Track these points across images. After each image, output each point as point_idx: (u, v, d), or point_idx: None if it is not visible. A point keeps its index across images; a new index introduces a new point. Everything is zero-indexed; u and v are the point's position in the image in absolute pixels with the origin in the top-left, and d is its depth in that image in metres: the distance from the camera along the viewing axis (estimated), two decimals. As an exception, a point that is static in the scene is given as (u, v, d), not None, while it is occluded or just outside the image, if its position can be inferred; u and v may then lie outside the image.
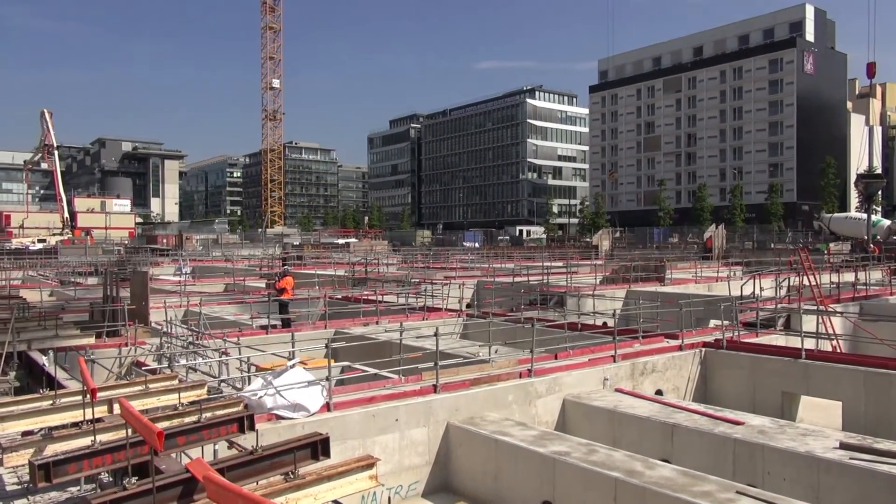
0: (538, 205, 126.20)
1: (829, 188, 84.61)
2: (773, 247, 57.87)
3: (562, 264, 36.36)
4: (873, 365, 12.50)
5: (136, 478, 5.81)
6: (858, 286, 24.34)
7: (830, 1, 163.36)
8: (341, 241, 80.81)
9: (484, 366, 12.29)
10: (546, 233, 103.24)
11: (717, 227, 48.20)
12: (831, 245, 50.48)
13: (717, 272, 32.17)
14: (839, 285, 23.20)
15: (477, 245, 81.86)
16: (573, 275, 29.33)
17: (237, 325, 18.50)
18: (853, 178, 71.42)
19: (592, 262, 38.49)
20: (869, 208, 50.31)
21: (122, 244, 74.00)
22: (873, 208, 54.01)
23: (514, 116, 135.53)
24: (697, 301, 18.20)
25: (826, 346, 15.73)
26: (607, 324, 17.27)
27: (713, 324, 17.27)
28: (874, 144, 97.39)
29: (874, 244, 43.45)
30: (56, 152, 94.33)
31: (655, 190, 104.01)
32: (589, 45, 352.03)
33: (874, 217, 52.79)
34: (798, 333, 14.14)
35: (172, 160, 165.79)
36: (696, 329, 16.10)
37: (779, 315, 17.46)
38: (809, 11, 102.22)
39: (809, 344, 13.75)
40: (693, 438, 10.17)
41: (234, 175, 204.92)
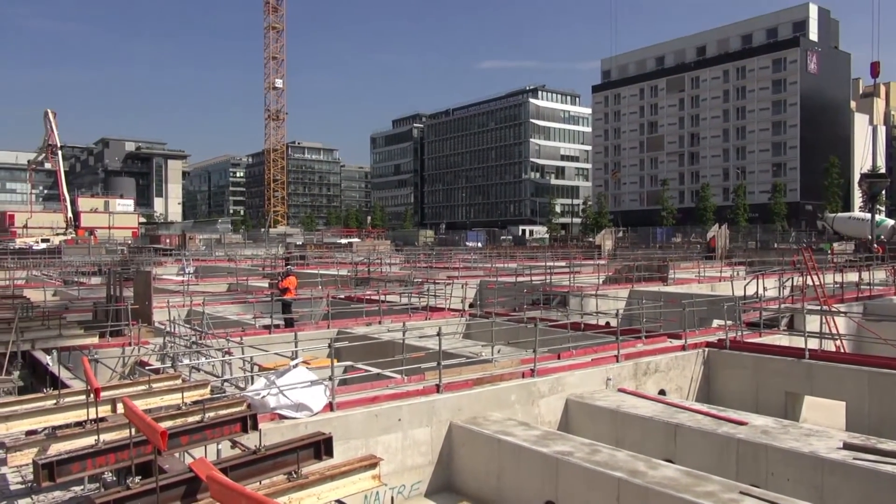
0: (541, 204, 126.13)
1: (832, 188, 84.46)
2: (776, 247, 57.77)
3: (565, 264, 36.33)
4: (877, 365, 12.48)
5: (140, 477, 5.82)
6: (862, 286, 24.30)
7: (834, 0, 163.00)
8: (344, 240, 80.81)
9: (487, 366, 12.29)
10: (549, 232, 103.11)
11: (720, 227, 48.11)
12: (835, 245, 50.39)
13: (721, 272, 32.12)
14: (843, 285, 23.15)
15: (480, 245, 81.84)
16: (576, 275, 29.30)
17: (240, 325, 18.52)
18: (857, 177, 71.41)
19: (595, 262, 38.45)
20: (873, 208, 50.27)
21: (126, 244, 74.07)
22: (877, 208, 53.84)
23: (517, 116, 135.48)
24: (700, 301, 18.21)
25: (830, 346, 15.69)
26: (610, 324, 17.26)
27: (716, 324, 17.23)
28: (878, 144, 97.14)
29: (878, 244, 43.40)
30: (60, 152, 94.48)
31: (658, 189, 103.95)
32: (592, 44, 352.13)
33: (878, 217, 52.66)
34: (801, 333, 14.12)
35: (176, 160, 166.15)
36: (699, 329, 16.10)
37: (782, 315, 17.43)
38: (813, 11, 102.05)
39: (813, 344, 13.72)
40: (696, 438, 10.15)
41: (238, 175, 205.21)
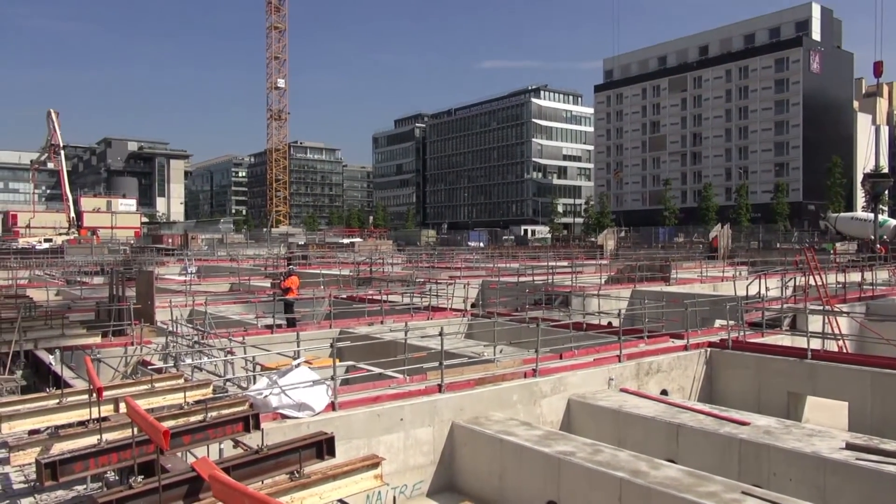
0: (543, 204, 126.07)
1: (835, 188, 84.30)
2: (778, 246, 57.73)
3: (567, 264, 36.32)
4: (880, 365, 12.46)
5: (142, 476, 5.83)
6: (865, 286, 24.27)
7: (837, 0, 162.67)
8: (346, 240, 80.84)
9: (489, 365, 12.29)
10: (551, 232, 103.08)
11: (722, 227, 47.99)
12: (837, 245, 50.32)
13: (723, 272, 32.09)
14: (845, 285, 23.11)
15: (482, 245, 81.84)
16: (578, 274, 29.28)
17: (242, 325, 18.54)
18: (860, 177, 71.31)
19: (597, 262, 38.42)
20: (876, 208, 50.17)
21: (128, 244, 74.24)
22: (880, 208, 53.76)
23: (519, 116, 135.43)
24: (703, 301, 18.19)
25: (832, 346, 15.68)
26: (612, 324, 17.24)
27: (718, 324, 17.22)
28: (881, 144, 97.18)
29: (881, 244, 43.31)
30: (62, 152, 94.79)
31: (661, 189, 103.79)
32: (594, 44, 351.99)
33: (881, 217, 52.59)
34: (804, 333, 14.10)
35: (178, 160, 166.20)
36: (701, 329, 16.09)
37: (785, 315, 17.41)
38: (816, 10, 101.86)
39: (815, 344, 13.71)
40: (698, 439, 10.14)
41: (240, 175, 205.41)
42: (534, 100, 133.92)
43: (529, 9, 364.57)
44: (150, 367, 12.28)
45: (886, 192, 61.49)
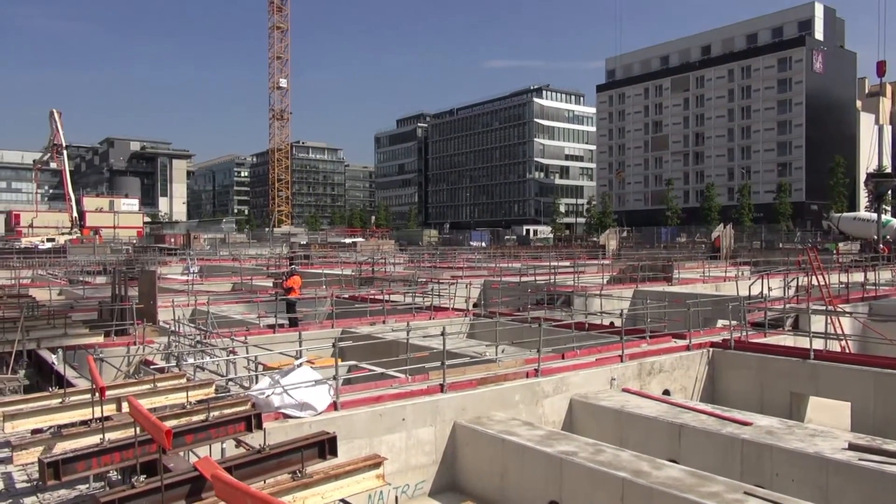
0: (545, 204, 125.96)
1: (838, 188, 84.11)
2: (781, 247, 57.63)
3: (569, 264, 36.29)
4: (882, 365, 12.44)
5: (145, 476, 5.83)
6: (868, 286, 24.22)
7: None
8: (348, 240, 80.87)
9: (491, 365, 12.29)
10: (553, 232, 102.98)
11: (725, 227, 47.98)
12: (840, 245, 50.22)
13: (725, 272, 32.05)
14: (848, 285, 23.08)
15: (484, 244, 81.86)
16: (580, 274, 29.29)
17: (244, 325, 18.55)
18: (863, 177, 71.05)
19: (600, 262, 38.36)
20: (879, 208, 50.04)
21: (131, 243, 74.31)
22: (883, 208, 53.65)
23: (521, 116, 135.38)
24: (705, 301, 18.16)
25: (835, 346, 15.66)
26: (614, 324, 17.23)
27: (721, 324, 17.19)
28: (884, 143, 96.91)
29: (884, 244, 43.24)
30: (65, 152, 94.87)
31: (663, 189, 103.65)
32: (596, 44, 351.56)
33: (884, 217, 52.50)
34: (807, 334, 14.09)
35: (180, 160, 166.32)
36: (703, 329, 16.08)
37: (787, 315, 17.38)
38: (818, 10, 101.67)
39: (818, 344, 13.69)
40: (701, 439, 10.14)
41: (242, 174, 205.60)
42: (536, 99, 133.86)
43: (532, 8, 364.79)
44: (152, 367, 12.29)
45: (890, 191, 61.41)
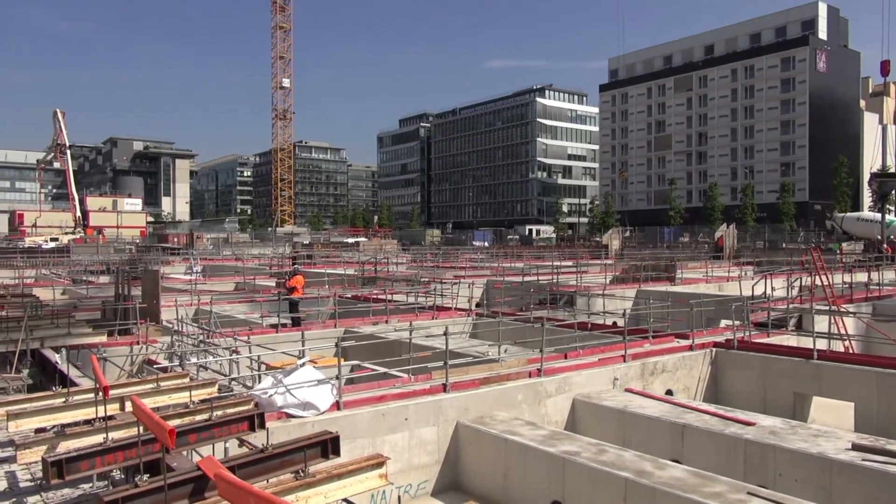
0: (548, 204, 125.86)
1: (841, 187, 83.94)
2: (784, 246, 57.51)
3: (572, 264, 36.28)
4: (886, 366, 12.41)
5: (148, 475, 5.84)
6: (871, 286, 24.15)
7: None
8: (351, 240, 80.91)
9: (493, 365, 12.29)
10: (556, 232, 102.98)
11: (728, 227, 47.97)
12: (844, 245, 50.11)
13: (728, 272, 32.01)
14: (852, 285, 23.04)
15: (486, 244, 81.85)
16: (583, 274, 29.27)
17: (247, 324, 18.58)
18: (866, 177, 70.98)
19: (602, 262, 38.36)
20: (883, 208, 49.92)
21: (134, 243, 74.37)
22: (887, 208, 53.51)
23: (524, 115, 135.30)
24: (708, 301, 18.13)
25: (838, 346, 15.63)
26: (617, 323, 17.21)
27: (724, 324, 17.18)
28: (888, 143, 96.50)
29: (888, 244, 43.10)
30: (68, 152, 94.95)
31: (666, 189, 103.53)
32: (599, 44, 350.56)
33: (888, 217, 52.34)
34: (810, 334, 14.04)
35: (183, 159, 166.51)
36: (706, 329, 16.04)
37: (790, 315, 17.35)
38: (822, 9, 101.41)
39: (821, 344, 13.66)
40: (704, 439, 10.12)
41: (245, 174, 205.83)
42: (539, 99, 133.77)
43: (534, 8, 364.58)
44: (155, 366, 12.31)
45: (894, 191, 61.21)
